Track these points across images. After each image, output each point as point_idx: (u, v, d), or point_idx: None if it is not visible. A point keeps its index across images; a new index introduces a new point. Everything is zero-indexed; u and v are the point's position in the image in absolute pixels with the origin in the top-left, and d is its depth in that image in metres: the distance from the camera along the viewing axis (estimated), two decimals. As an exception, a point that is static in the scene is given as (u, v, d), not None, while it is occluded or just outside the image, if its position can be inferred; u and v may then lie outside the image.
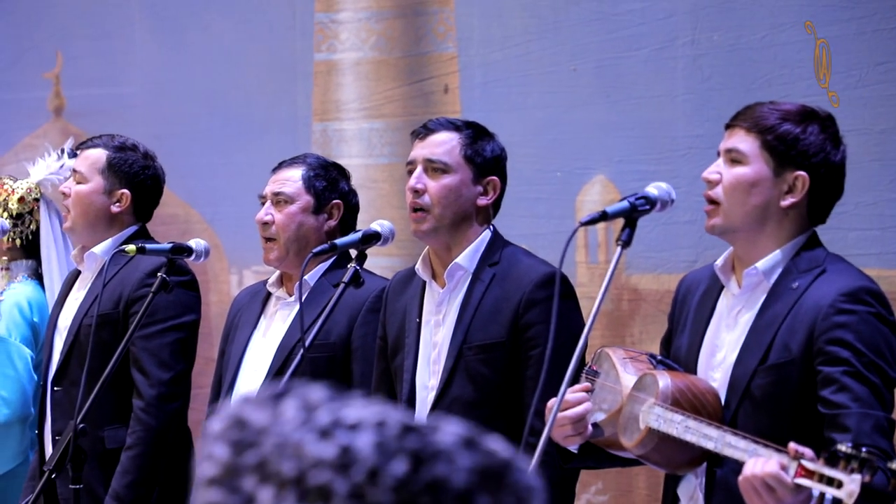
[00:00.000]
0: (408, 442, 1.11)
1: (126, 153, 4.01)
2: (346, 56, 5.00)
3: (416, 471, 1.10)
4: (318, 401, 1.14)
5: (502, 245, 3.28)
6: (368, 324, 3.47)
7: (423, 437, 1.11)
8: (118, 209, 3.99)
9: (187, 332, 3.90)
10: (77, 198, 3.97)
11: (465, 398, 3.16)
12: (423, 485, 1.10)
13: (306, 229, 3.59)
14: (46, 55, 5.71)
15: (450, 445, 1.11)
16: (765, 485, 2.35)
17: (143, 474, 3.75)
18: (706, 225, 2.75)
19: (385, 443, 1.11)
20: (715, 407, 2.65)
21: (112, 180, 3.98)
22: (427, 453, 1.11)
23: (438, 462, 1.10)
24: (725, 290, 2.78)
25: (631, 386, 2.72)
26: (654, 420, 2.61)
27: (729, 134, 2.74)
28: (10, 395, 4.14)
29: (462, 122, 3.31)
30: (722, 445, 2.49)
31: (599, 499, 4.33)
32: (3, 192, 4.31)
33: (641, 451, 2.66)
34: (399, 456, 1.10)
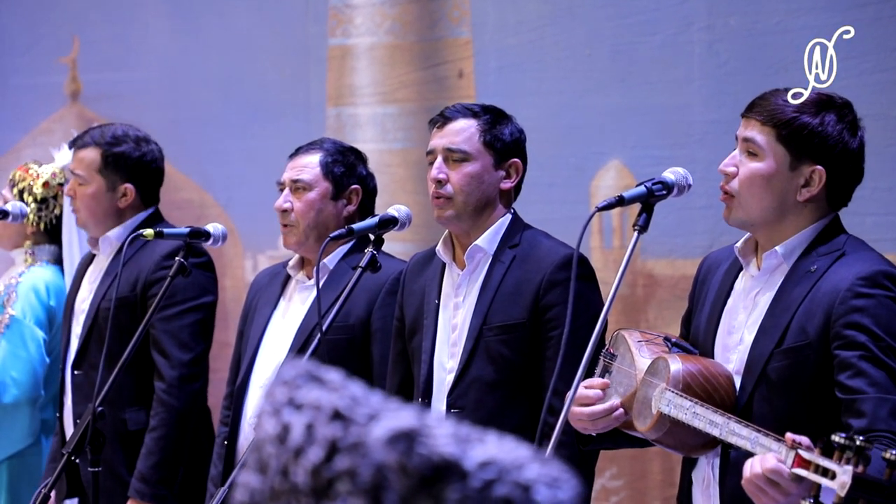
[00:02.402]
0: (330, 430, 1.12)
1: (120, 146, 3.98)
2: (360, 41, 5.00)
3: (329, 459, 1.11)
4: (292, 379, 1.15)
5: (522, 227, 3.28)
6: (387, 306, 3.48)
7: (348, 427, 1.11)
8: (125, 203, 3.99)
9: (206, 313, 3.92)
10: (83, 199, 3.98)
11: (484, 379, 3.17)
12: (333, 473, 1.11)
13: (326, 216, 3.60)
14: (63, 40, 5.72)
15: (374, 439, 1.10)
16: (767, 481, 2.35)
17: (167, 455, 3.78)
18: (724, 215, 2.75)
19: (313, 427, 1.12)
20: (728, 391, 2.65)
21: (112, 177, 3.98)
22: (345, 443, 1.11)
23: (352, 454, 1.10)
24: (744, 271, 2.78)
25: (644, 370, 2.73)
26: (665, 405, 2.62)
27: (745, 123, 2.74)
28: (20, 376, 4.15)
29: (479, 107, 3.30)
30: (726, 433, 2.50)
31: (614, 483, 4.34)
32: (29, 177, 4.32)
33: (654, 436, 2.67)
34: (319, 442, 1.12)
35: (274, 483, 1.12)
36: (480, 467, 1.10)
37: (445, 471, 1.10)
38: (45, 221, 4.31)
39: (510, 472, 1.10)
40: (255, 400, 3.58)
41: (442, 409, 3.21)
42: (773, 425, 2.46)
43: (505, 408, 3.15)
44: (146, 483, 3.77)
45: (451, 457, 1.09)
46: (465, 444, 1.11)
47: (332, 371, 1.16)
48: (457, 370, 3.20)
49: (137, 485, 3.77)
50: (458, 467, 1.09)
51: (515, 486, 1.10)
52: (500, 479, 1.10)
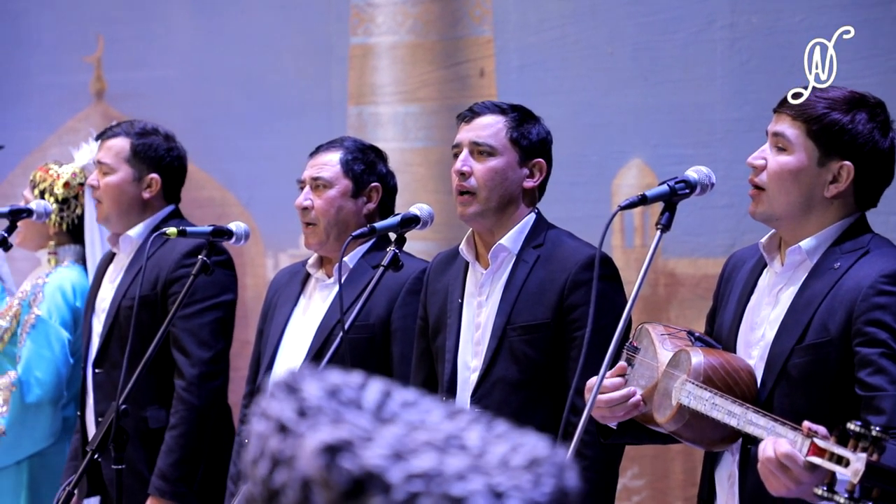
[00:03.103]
0: (275, 442, 1.13)
1: (149, 138, 4.03)
2: (381, 39, 5.01)
3: (271, 473, 1.12)
4: (272, 389, 1.16)
5: (546, 227, 3.28)
6: (408, 305, 3.48)
7: (286, 440, 1.12)
8: (149, 195, 4.01)
9: (225, 311, 3.93)
10: (107, 189, 3.99)
11: (508, 378, 3.17)
12: (275, 486, 1.12)
13: (346, 213, 3.60)
14: (88, 39, 5.75)
15: (304, 452, 1.11)
16: (779, 465, 2.36)
17: (187, 452, 3.79)
18: (749, 209, 2.75)
19: (264, 438, 1.13)
20: (749, 385, 2.65)
21: (140, 167, 4.00)
22: (283, 456, 1.12)
23: (288, 467, 1.11)
24: (768, 267, 2.78)
25: (666, 362, 2.73)
26: (685, 397, 2.62)
27: (776, 118, 2.74)
28: (44, 376, 4.17)
29: (508, 106, 3.31)
30: (744, 423, 2.50)
31: (636, 483, 4.34)
32: (49, 178, 4.33)
33: (673, 427, 2.67)
34: (266, 455, 1.13)
35: (251, 492, 1.14)
36: (406, 480, 1.09)
37: (367, 484, 1.09)
38: (66, 222, 4.32)
39: (442, 484, 1.09)
40: (276, 398, 3.58)
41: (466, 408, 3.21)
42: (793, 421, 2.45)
43: (529, 407, 3.15)
44: (166, 481, 3.78)
45: (375, 469, 1.09)
46: (402, 456, 1.10)
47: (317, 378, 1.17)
48: (481, 369, 3.20)
49: (157, 482, 3.78)
50: (380, 480, 1.09)
51: (443, 499, 1.09)
52: (427, 491, 1.09)
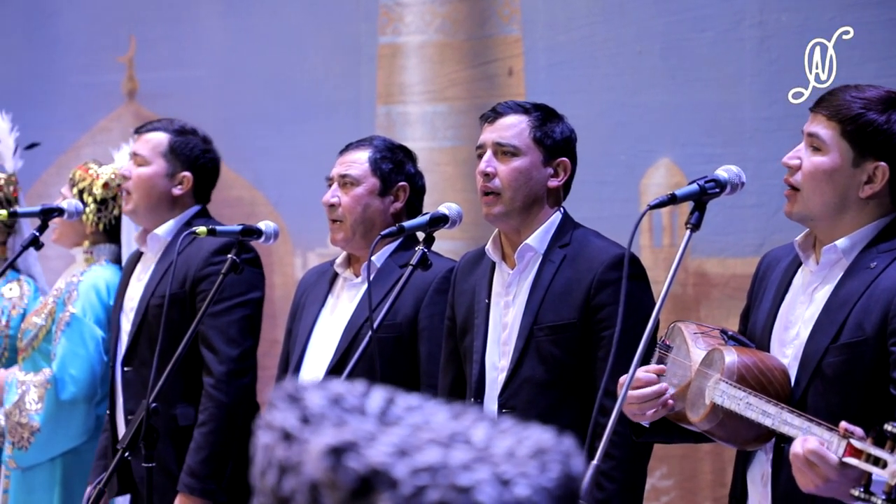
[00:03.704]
0: (281, 451, 1.14)
1: (187, 137, 4.07)
2: (410, 39, 5.01)
3: (280, 482, 1.13)
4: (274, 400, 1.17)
5: (573, 227, 3.27)
6: (435, 304, 3.48)
7: (292, 447, 1.13)
8: (180, 191, 4.04)
9: (253, 309, 3.95)
10: (139, 180, 4.02)
11: (535, 379, 3.17)
12: (284, 494, 1.13)
13: (372, 211, 3.61)
14: (120, 39, 5.78)
15: (309, 456, 1.12)
16: (807, 462, 2.36)
17: (216, 449, 3.80)
18: (784, 209, 2.74)
19: (270, 448, 1.14)
20: (782, 384, 2.65)
21: (174, 163, 4.04)
22: (289, 464, 1.13)
23: (295, 473, 1.12)
24: (803, 266, 2.77)
25: (699, 361, 2.72)
26: (719, 396, 2.61)
27: (812, 118, 2.74)
28: (78, 373, 4.20)
29: (531, 105, 3.30)
30: (779, 423, 2.49)
31: (664, 483, 4.33)
32: (89, 177, 4.36)
33: (707, 427, 2.66)
34: (273, 464, 1.14)
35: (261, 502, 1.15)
36: (412, 474, 1.10)
37: (374, 481, 1.10)
38: (104, 222, 4.35)
39: (448, 477, 1.10)
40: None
41: (494, 409, 3.21)
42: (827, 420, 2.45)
43: (556, 408, 3.14)
44: (195, 477, 3.79)
45: (380, 466, 1.10)
46: (407, 453, 1.11)
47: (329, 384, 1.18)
48: (508, 369, 3.20)
49: (186, 479, 3.80)
50: (387, 476, 1.10)
51: (451, 490, 1.10)
52: (434, 484, 1.10)
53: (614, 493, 3.09)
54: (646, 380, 2.73)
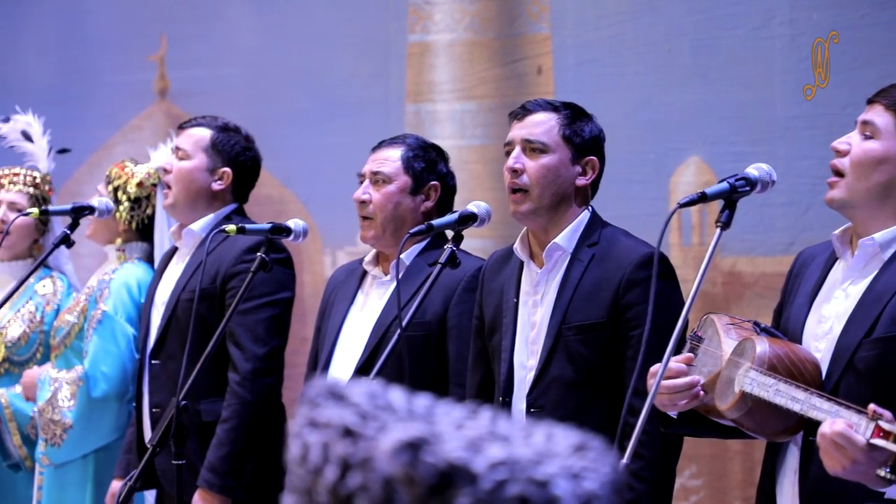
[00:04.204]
0: (342, 447, 1.12)
1: (229, 133, 4.09)
2: (439, 37, 5.02)
3: (343, 477, 1.11)
4: (313, 398, 1.16)
5: (601, 225, 3.27)
6: (464, 303, 3.48)
7: (357, 443, 1.12)
8: (219, 187, 4.05)
9: (282, 309, 3.95)
10: (180, 174, 4.04)
11: (564, 378, 3.16)
12: (349, 490, 1.11)
13: (403, 209, 3.61)
14: (151, 38, 5.81)
15: (381, 452, 1.10)
16: (834, 444, 2.35)
17: (237, 447, 3.81)
18: (826, 197, 2.72)
19: (327, 445, 1.13)
20: (813, 375, 2.63)
21: (215, 158, 4.05)
22: (355, 459, 1.11)
23: (363, 469, 1.11)
24: (839, 261, 2.76)
25: (730, 351, 2.71)
26: (749, 384, 2.60)
27: (868, 108, 2.73)
28: (110, 370, 4.22)
29: (560, 103, 3.30)
30: (808, 407, 2.48)
31: (693, 483, 4.32)
32: (125, 175, 4.38)
33: (735, 415, 2.65)
34: (333, 461, 1.12)
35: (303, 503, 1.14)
36: (490, 468, 1.09)
37: (453, 476, 1.09)
38: (137, 220, 4.37)
39: (525, 470, 1.09)
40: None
41: (522, 409, 3.21)
42: None
43: (585, 407, 3.13)
44: (215, 474, 3.81)
45: (458, 461, 1.09)
46: (478, 447, 1.10)
47: (359, 384, 1.17)
48: (536, 369, 3.19)
49: (207, 475, 3.81)
50: (466, 471, 1.09)
51: (529, 483, 1.09)
52: (513, 478, 1.09)
53: (643, 493, 3.08)
54: (677, 370, 2.72)
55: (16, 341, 4.50)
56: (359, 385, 1.16)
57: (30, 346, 4.51)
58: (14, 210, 4.53)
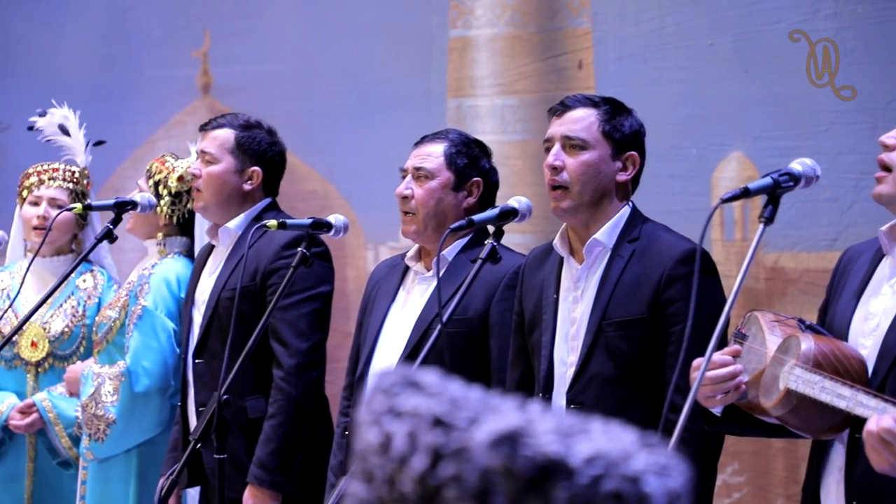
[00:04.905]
0: (432, 436, 1.11)
1: (252, 131, 4.08)
2: (480, 32, 5.01)
3: (434, 467, 1.10)
4: (389, 386, 1.15)
5: (642, 221, 3.25)
6: (506, 300, 3.47)
7: (450, 433, 1.10)
8: (250, 187, 4.06)
9: (323, 303, 3.97)
10: (209, 178, 4.05)
11: (604, 374, 3.15)
12: (440, 480, 1.10)
13: (445, 205, 3.61)
14: (195, 34, 5.84)
15: (476, 443, 1.09)
16: (880, 440, 2.33)
17: (285, 442, 3.83)
18: (873, 192, 2.69)
19: (415, 434, 1.11)
20: (859, 372, 2.61)
21: (243, 159, 4.06)
22: (448, 450, 1.10)
23: (457, 460, 1.09)
24: (886, 257, 2.73)
25: (775, 348, 2.69)
26: (794, 381, 2.58)
27: None
28: (151, 366, 4.24)
29: (600, 98, 3.28)
30: (854, 404, 2.46)
31: (736, 479, 4.30)
32: (165, 170, 4.41)
33: (780, 413, 2.63)
34: (422, 450, 1.11)
35: (381, 493, 1.12)
36: (586, 463, 1.08)
37: (551, 470, 1.08)
38: (177, 215, 4.39)
39: (617, 465, 1.09)
40: (375, 390, 3.60)
41: (562, 405, 3.20)
42: None
43: (625, 404, 3.12)
44: (264, 469, 3.82)
45: (555, 455, 1.08)
46: (569, 440, 1.09)
47: (429, 374, 1.16)
48: (576, 365, 3.18)
49: (256, 471, 3.83)
50: (563, 465, 1.08)
51: (623, 480, 1.08)
52: (608, 473, 1.08)
53: (685, 489, 3.06)
54: (721, 361, 2.70)
55: (59, 336, 4.54)
56: (432, 375, 1.15)
57: (73, 340, 4.55)
58: (54, 206, 4.56)
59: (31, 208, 4.58)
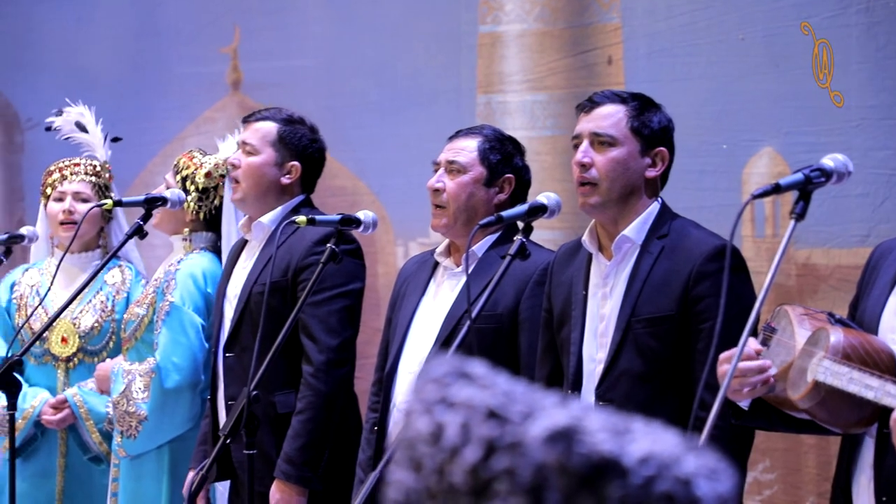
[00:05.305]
0: (486, 429, 1.10)
1: (295, 126, 4.09)
2: (510, 28, 5.00)
3: (487, 459, 1.10)
4: (441, 376, 1.14)
5: (671, 217, 3.24)
6: (536, 296, 3.47)
7: (504, 427, 1.10)
8: (288, 181, 4.07)
9: (354, 300, 3.97)
10: (249, 169, 4.06)
11: (633, 371, 3.14)
12: (492, 473, 1.09)
13: (476, 200, 3.61)
14: (225, 30, 5.85)
15: (531, 438, 1.09)
16: None
17: (313, 438, 3.84)
18: None
19: (468, 425, 1.11)
20: (888, 365, 2.59)
21: (283, 152, 4.07)
22: (502, 443, 1.09)
23: (511, 453, 1.09)
24: None
25: (804, 341, 2.68)
26: (822, 373, 2.56)
27: None
28: (181, 361, 4.25)
29: (628, 94, 3.27)
30: (882, 394, 2.44)
31: (767, 477, 4.27)
32: (193, 165, 4.42)
33: (807, 405, 2.62)
34: (475, 441, 1.10)
35: (430, 482, 1.12)
36: (640, 463, 1.08)
37: (605, 469, 1.08)
38: (204, 211, 4.40)
39: (669, 467, 1.08)
40: (403, 386, 3.61)
41: (591, 402, 3.19)
42: None
43: (654, 401, 3.11)
44: (292, 465, 3.83)
45: (610, 454, 1.08)
46: (622, 440, 1.09)
47: (479, 365, 1.16)
48: (605, 362, 3.17)
49: (284, 466, 3.84)
50: (617, 465, 1.08)
51: (676, 482, 1.08)
52: (661, 474, 1.08)
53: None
54: (747, 355, 2.69)
55: (89, 331, 4.56)
56: (481, 366, 1.15)
57: (102, 335, 4.56)
58: (79, 200, 4.59)
59: (56, 204, 4.60)
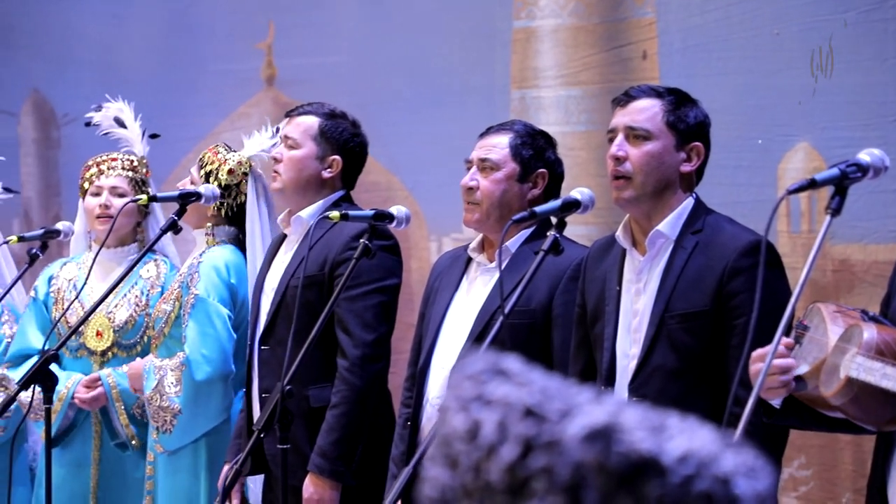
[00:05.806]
0: (523, 427, 1.10)
1: (337, 121, 4.10)
2: (544, 23, 4.99)
3: (525, 457, 1.09)
4: (478, 373, 1.14)
5: (705, 213, 3.23)
6: (569, 292, 3.46)
7: (541, 425, 1.09)
8: (329, 175, 4.08)
9: (390, 296, 3.97)
10: (290, 162, 4.07)
11: (667, 367, 3.13)
12: (530, 471, 1.09)
13: (510, 197, 3.61)
14: (259, 26, 5.87)
15: (569, 436, 1.08)
16: None
17: (347, 432, 3.84)
18: None
19: (505, 423, 1.10)
20: None
21: (324, 147, 4.08)
22: (539, 441, 1.09)
23: (548, 452, 1.08)
24: None
25: (836, 338, 2.66)
26: (855, 369, 2.55)
27: None
28: (210, 353, 4.27)
29: (664, 89, 3.26)
30: None
31: (802, 473, 4.25)
32: (217, 161, 4.43)
33: (839, 402, 2.60)
34: (512, 439, 1.10)
35: (466, 480, 1.11)
36: (679, 462, 1.07)
37: (644, 468, 1.07)
38: (226, 208, 4.42)
39: (708, 466, 1.07)
40: (436, 382, 3.61)
41: (624, 398, 3.18)
42: None
43: (688, 397, 3.10)
44: (325, 459, 3.84)
45: (648, 454, 1.07)
46: (660, 437, 1.08)
47: (515, 362, 1.15)
48: (639, 357, 3.16)
49: (317, 460, 3.85)
50: (656, 464, 1.07)
51: (715, 481, 1.07)
52: (699, 473, 1.07)
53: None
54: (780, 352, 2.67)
55: (123, 325, 4.58)
56: (517, 363, 1.14)
57: (136, 329, 4.59)
58: (115, 194, 4.61)
59: (93, 199, 4.63)
